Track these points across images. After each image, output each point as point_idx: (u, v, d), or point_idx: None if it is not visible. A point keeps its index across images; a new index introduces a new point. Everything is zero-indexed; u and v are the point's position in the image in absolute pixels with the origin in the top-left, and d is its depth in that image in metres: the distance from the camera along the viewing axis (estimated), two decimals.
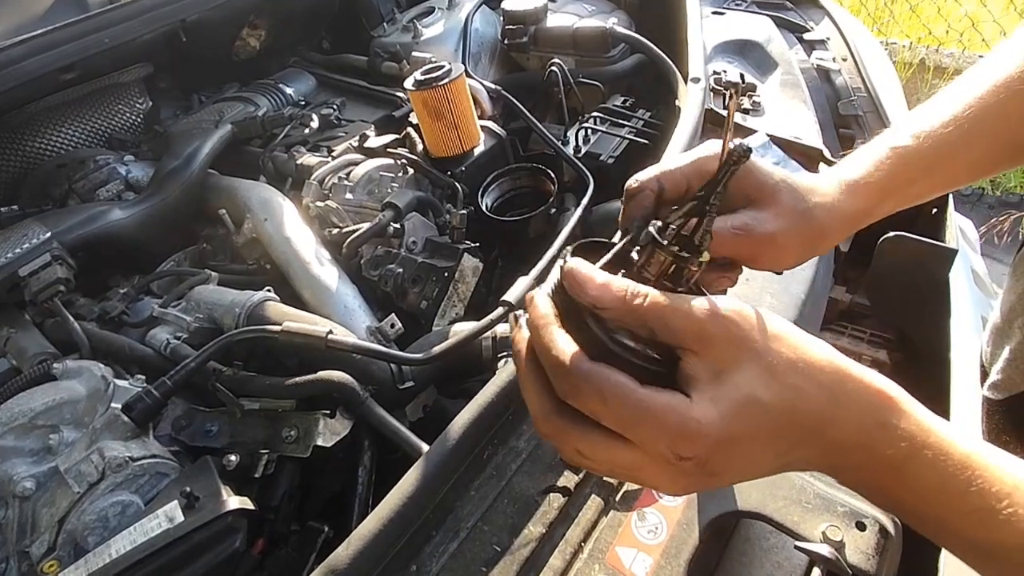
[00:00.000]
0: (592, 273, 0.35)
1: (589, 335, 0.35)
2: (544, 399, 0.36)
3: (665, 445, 0.32)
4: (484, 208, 1.08)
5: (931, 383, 0.82)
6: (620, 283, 0.35)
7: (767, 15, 1.37)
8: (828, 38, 1.31)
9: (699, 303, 0.34)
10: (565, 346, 0.35)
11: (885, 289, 0.90)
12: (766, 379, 0.33)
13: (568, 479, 0.59)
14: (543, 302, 0.37)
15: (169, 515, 0.64)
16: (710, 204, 0.35)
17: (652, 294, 0.34)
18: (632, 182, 0.46)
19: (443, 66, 1.06)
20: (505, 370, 0.64)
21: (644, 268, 0.37)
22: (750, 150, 0.35)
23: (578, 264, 0.36)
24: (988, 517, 0.31)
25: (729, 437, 0.32)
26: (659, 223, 0.37)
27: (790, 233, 0.46)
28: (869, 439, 0.34)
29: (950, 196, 0.93)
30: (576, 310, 0.36)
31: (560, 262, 0.37)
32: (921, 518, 0.35)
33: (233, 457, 0.70)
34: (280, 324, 0.77)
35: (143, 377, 0.79)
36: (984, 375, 0.84)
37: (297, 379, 0.74)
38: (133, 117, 1.38)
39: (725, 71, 1.15)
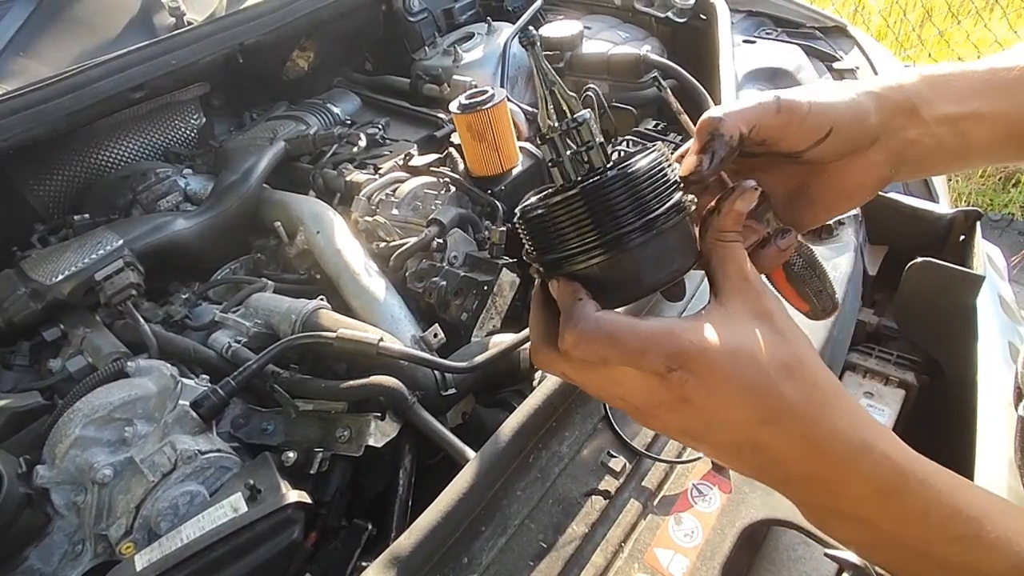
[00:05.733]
0: None
1: None
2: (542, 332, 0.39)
3: (659, 352, 0.33)
4: None
5: (958, 405, 0.84)
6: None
7: (797, 44, 1.41)
8: (857, 67, 1.35)
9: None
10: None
11: (913, 313, 0.93)
12: (773, 342, 0.34)
13: (609, 483, 0.63)
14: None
15: (234, 505, 0.69)
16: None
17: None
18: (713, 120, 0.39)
19: (486, 91, 1.12)
20: (549, 380, 0.68)
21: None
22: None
23: None
24: (974, 543, 0.32)
25: (719, 366, 0.33)
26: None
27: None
28: (854, 456, 0.34)
29: (978, 224, 0.95)
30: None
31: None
32: (899, 544, 0.34)
33: (291, 454, 0.75)
34: (334, 331, 0.83)
35: (207, 377, 0.84)
36: (1019, 396, 0.86)
37: (351, 382, 0.79)
38: (188, 132, 1.47)
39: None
